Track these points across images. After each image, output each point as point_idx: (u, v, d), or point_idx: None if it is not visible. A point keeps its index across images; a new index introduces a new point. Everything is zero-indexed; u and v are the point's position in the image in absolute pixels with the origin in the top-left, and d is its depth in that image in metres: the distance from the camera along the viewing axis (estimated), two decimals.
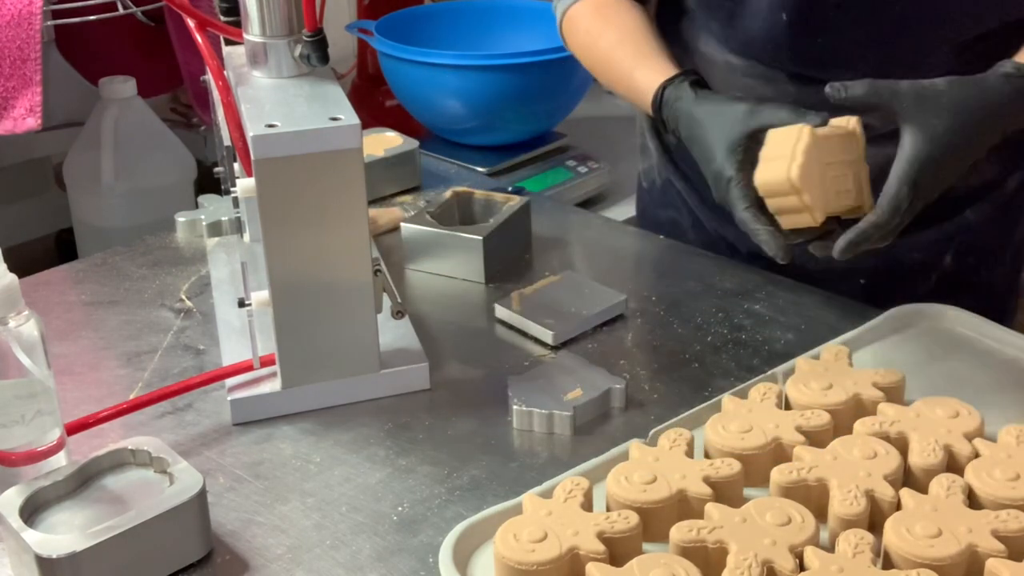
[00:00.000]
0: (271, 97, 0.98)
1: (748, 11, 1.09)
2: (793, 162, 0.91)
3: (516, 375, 1.02)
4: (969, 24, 1.05)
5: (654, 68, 1.09)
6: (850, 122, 0.96)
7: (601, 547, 0.77)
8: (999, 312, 1.20)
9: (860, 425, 0.89)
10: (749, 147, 0.96)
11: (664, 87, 1.06)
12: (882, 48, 1.07)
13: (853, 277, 1.19)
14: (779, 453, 0.87)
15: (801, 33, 1.08)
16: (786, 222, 0.95)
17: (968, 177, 1.07)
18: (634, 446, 0.87)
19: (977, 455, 0.85)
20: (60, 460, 0.88)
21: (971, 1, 1.04)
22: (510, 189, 1.39)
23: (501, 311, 1.13)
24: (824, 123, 0.94)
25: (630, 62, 1.11)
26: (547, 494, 0.83)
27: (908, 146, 0.92)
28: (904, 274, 1.19)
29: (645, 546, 0.80)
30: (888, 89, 0.93)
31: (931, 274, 1.18)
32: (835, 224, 0.96)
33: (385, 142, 1.43)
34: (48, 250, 2.05)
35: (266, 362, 1.00)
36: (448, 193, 1.29)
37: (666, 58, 1.10)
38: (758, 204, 0.95)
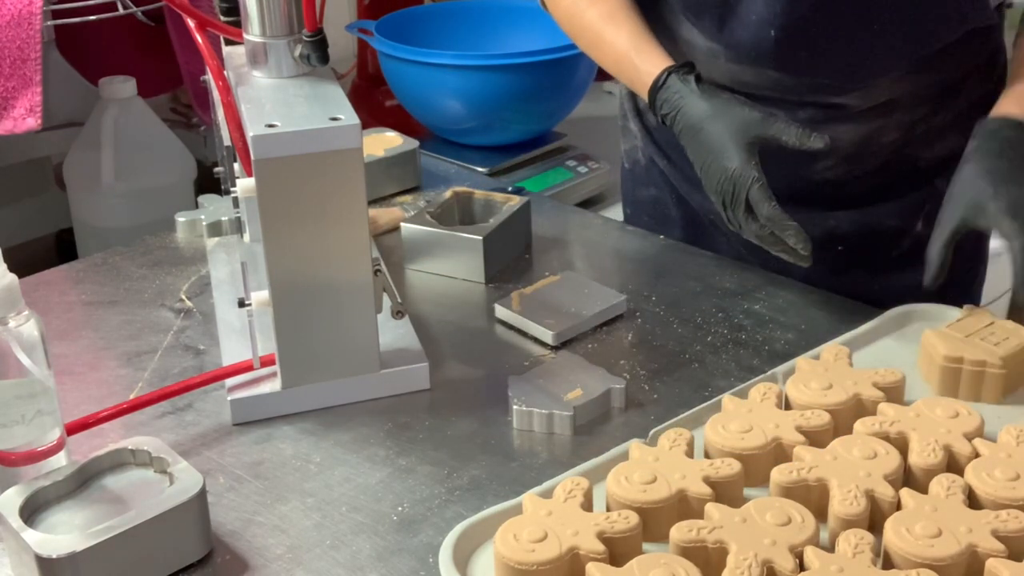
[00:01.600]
0: (271, 97, 0.98)
1: (737, 21, 1.12)
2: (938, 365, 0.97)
3: (516, 375, 1.02)
4: (936, 37, 1.12)
5: (653, 53, 1.11)
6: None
7: (601, 547, 0.77)
8: (971, 263, 1.30)
9: (860, 425, 0.89)
10: (757, 150, 1.03)
11: (668, 73, 1.08)
12: (859, 57, 1.12)
13: (832, 244, 1.24)
14: (779, 453, 0.87)
15: (787, 47, 1.11)
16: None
17: (935, 149, 1.21)
18: (634, 446, 0.87)
19: (977, 455, 0.85)
20: (60, 460, 0.88)
21: (934, 18, 1.10)
22: (510, 189, 1.39)
23: (501, 311, 1.13)
24: (826, 145, 1.02)
25: (626, 41, 1.13)
26: (547, 494, 0.83)
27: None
28: (880, 239, 1.25)
29: (645, 546, 0.80)
30: (974, 212, 1.00)
31: (904, 238, 1.24)
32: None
33: (385, 142, 1.43)
34: (48, 250, 2.05)
35: (266, 362, 1.00)
36: (448, 193, 1.29)
37: (658, 44, 1.13)
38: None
